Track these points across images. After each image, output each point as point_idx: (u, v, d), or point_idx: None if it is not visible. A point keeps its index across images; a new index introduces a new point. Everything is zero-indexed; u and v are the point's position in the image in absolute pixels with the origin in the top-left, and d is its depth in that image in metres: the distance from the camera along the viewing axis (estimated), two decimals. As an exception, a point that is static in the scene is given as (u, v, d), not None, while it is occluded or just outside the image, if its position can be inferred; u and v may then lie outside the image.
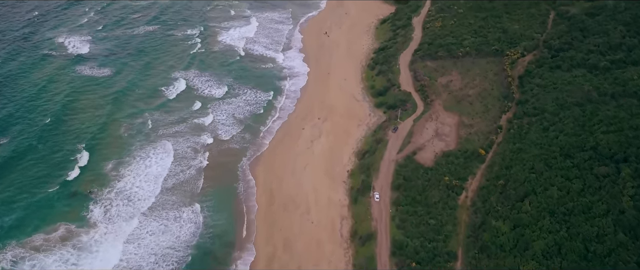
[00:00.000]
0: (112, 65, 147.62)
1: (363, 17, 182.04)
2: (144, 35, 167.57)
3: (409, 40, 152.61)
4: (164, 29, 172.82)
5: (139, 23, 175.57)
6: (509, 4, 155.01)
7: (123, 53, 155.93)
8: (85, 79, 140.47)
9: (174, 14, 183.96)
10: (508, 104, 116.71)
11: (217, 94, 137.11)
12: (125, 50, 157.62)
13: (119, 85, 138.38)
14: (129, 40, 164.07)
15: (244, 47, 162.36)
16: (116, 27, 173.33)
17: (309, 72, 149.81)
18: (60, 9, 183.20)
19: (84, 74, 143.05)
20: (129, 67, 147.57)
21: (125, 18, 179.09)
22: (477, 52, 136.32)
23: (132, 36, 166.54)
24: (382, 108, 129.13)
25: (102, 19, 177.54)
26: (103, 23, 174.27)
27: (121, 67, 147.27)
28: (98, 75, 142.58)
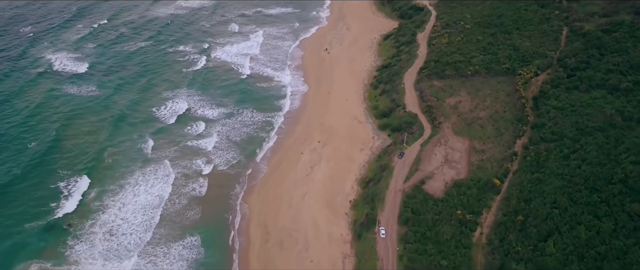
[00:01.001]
0: (107, 86, 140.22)
1: (365, 32, 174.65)
2: (142, 54, 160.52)
3: (414, 57, 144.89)
4: (161, 46, 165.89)
5: (137, 40, 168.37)
6: (519, 20, 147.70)
7: (120, 72, 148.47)
8: (78, 100, 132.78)
9: (172, 31, 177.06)
10: (522, 127, 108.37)
11: (212, 115, 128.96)
12: (122, 70, 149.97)
13: (113, 107, 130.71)
14: (127, 58, 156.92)
15: (242, 64, 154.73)
16: (114, 45, 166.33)
17: (308, 91, 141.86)
18: (55, 27, 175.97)
19: (77, 94, 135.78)
20: (126, 88, 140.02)
21: (123, 36, 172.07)
22: (487, 70, 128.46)
23: (130, 54, 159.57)
24: (387, 130, 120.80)
25: (99, 37, 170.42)
26: (100, 41, 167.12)
27: (117, 88, 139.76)
28: (92, 96, 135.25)
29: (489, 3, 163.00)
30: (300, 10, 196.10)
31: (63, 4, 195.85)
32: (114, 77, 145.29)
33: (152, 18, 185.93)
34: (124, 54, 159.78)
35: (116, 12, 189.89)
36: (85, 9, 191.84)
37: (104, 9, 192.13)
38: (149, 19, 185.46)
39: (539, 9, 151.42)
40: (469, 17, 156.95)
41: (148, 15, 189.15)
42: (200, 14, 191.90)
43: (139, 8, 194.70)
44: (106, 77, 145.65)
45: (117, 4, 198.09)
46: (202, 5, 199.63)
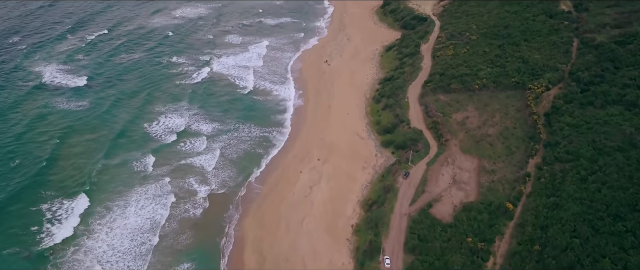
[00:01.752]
0: (103, 101, 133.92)
1: (366, 43, 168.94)
2: (139, 66, 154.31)
3: (418, 70, 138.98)
4: (158, 58, 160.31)
5: (134, 52, 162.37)
6: (527, 31, 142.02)
7: (117, 86, 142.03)
8: (71, 116, 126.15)
9: (170, 43, 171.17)
10: (535, 146, 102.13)
11: (208, 131, 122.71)
12: (119, 83, 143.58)
13: (109, 124, 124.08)
14: (123, 71, 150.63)
15: (240, 77, 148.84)
16: (110, 57, 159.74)
17: (308, 104, 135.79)
18: (50, 39, 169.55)
19: (71, 109, 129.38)
20: (122, 103, 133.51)
21: (120, 48, 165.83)
22: (495, 84, 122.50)
23: (127, 67, 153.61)
24: (390, 147, 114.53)
25: (95, 49, 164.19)
26: (95, 54, 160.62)
27: (114, 103, 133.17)
28: (86, 111, 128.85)
29: (495, 13, 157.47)
30: (300, 21, 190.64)
31: (58, 16, 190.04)
32: (109, 92, 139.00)
33: (150, 29, 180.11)
34: (120, 66, 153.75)
35: (113, 24, 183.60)
36: (81, 21, 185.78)
37: (101, 20, 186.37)
38: (146, 30, 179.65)
39: (548, 20, 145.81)
40: (474, 27, 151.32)
41: (146, 26, 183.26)
42: (199, 24, 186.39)
43: (137, 19, 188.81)
44: (102, 91, 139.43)
45: (114, 15, 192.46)
46: (199, 16, 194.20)
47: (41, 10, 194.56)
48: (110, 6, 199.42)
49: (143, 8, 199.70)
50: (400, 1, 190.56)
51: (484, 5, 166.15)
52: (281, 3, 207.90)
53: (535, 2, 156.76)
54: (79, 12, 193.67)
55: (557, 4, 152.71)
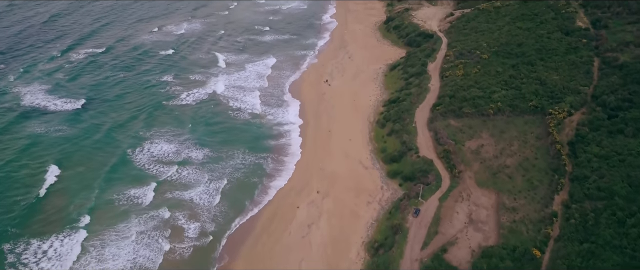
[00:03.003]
0: (83, 125, 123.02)
1: (369, 61, 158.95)
2: (125, 86, 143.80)
3: (426, 91, 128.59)
4: (145, 77, 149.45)
5: (120, 71, 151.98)
6: (542, 49, 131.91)
7: (97, 109, 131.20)
8: (46, 143, 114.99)
9: (159, 61, 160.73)
10: (559, 179, 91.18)
11: (198, 158, 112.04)
12: (100, 106, 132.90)
13: (93, 154, 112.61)
14: (107, 92, 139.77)
15: (233, 98, 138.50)
16: (94, 76, 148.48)
17: (306, 129, 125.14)
18: (29, 57, 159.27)
19: (48, 134, 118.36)
20: (102, 129, 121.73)
21: (105, 66, 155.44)
22: (511, 108, 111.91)
23: (111, 86, 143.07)
24: (397, 179, 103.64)
25: (78, 68, 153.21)
26: (79, 73, 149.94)
27: (93, 128, 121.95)
28: (63, 137, 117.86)
29: (506, 30, 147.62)
30: (299, 38, 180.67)
31: (52, 34, 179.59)
32: (100, 117, 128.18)
33: (146, 48, 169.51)
34: (114, 88, 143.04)
35: (109, 41, 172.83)
36: (76, 39, 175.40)
37: (85, 36, 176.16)
38: (142, 49, 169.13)
39: (564, 37, 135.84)
40: (485, 45, 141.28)
41: (132, 43, 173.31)
42: (189, 41, 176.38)
43: (124, 35, 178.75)
44: (84, 113, 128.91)
45: (99, 31, 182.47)
46: (192, 32, 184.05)
47: (31, 29, 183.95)
48: (108, 23, 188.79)
49: (141, 25, 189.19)
50: (405, 17, 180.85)
51: (494, 21, 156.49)
52: (279, 19, 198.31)
53: (549, 19, 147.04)
54: (74, 30, 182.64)
55: (573, 20, 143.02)
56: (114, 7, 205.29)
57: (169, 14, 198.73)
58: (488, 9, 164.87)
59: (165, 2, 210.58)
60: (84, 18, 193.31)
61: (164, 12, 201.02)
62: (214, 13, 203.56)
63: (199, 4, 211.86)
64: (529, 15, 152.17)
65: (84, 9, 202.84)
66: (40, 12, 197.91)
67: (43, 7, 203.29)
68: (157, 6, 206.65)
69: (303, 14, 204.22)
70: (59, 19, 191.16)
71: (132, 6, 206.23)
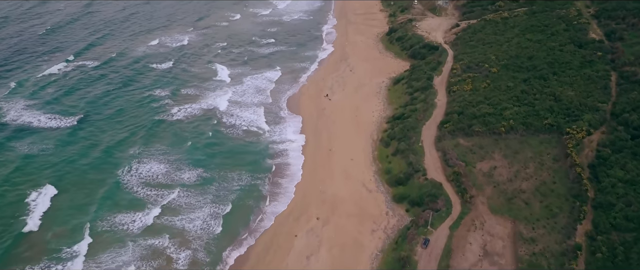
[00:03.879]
0: (66, 143, 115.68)
1: (371, 75, 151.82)
2: (114, 99, 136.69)
3: (432, 107, 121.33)
4: (137, 91, 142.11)
5: (109, 84, 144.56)
6: (555, 63, 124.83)
7: (83, 124, 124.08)
8: (23, 166, 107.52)
9: (152, 73, 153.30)
10: (582, 207, 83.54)
11: (190, 180, 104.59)
12: (87, 121, 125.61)
13: (79, 177, 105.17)
14: (95, 107, 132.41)
15: (228, 114, 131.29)
16: (82, 90, 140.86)
17: (305, 147, 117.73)
18: (17, 70, 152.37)
19: (27, 154, 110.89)
20: (86, 149, 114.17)
21: (93, 78, 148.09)
22: (524, 126, 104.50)
23: (100, 101, 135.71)
24: (404, 203, 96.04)
25: (67, 80, 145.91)
26: (66, 86, 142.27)
27: (76, 146, 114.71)
28: (45, 157, 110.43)
29: (515, 42, 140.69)
30: (298, 50, 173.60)
31: (33, 45, 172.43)
32: (84, 133, 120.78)
33: (135, 59, 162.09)
34: (99, 103, 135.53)
35: (96, 54, 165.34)
36: (58, 51, 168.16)
37: (81, 50, 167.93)
38: (131, 60, 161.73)
39: (577, 50, 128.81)
40: (493, 58, 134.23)
41: (130, 56, 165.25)
42: (188, 54, 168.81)
43: (121, 48, 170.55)
44: (77, 132, 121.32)
45: (96, 44, 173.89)
46: (191, 44, 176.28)
47: (25, 41, 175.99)
48: (105, 36, 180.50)
49: (139, 37, 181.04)
50: (408, 28, 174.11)
51: (502, 33, 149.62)
52: (278, 31, 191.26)
53: (560, 30, 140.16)
54: (69, 43, 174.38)
55: (586, 32, 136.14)
56: (112, 20, 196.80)
57: (168, 26, 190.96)
58: (495, 20, 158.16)
59: (164, 14, 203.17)
60: (81, 31, 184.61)
61: (164, 24, 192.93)
62: (213, 25, 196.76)
63: (199, 16, 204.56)
64: (539, 27, 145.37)
65: (80, 21, 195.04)
66: (35, 24, 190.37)
67: (38, 19, 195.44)
68: (157, 18, 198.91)
69: (303, 26, 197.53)
70: (55, 32, 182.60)
71: (130, 19, 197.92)
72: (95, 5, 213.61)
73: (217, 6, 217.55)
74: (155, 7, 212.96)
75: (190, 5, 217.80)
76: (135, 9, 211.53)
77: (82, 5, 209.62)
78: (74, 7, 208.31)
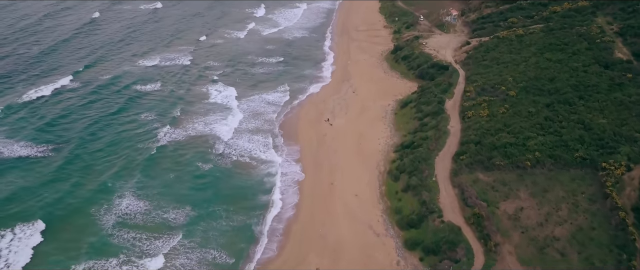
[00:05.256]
0: (40, 177, 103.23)
1: (376, 97, 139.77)
2: (95, 123, 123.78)
3: (445, 134, 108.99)
4: (119, 114, 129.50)
5: (91, 108, 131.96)
6: (580, 85, 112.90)
7: (59, 153, 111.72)
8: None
9: (137, 94, 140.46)
10: (631, 261, 70.86)
11: (174, 221, 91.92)
12: (64, 150, 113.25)
13: (39, 212, 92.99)
14: (74, 133, 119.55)
15: (218, 140, 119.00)
16: (63, 114, 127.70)
17: (303, 181, 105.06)
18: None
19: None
20: (54, 184, 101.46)
21: (73, 102, 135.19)
22: (552, 160, 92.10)
23: (80, 126, 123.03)
24: (417, 251, 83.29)
25: (46, 104, 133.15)
26: (43, 110, 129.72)
27: (47, 181, 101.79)
28: (13, 192, 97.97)
29: (533, 62, 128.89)
30: (296, 69, 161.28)
31: (20, 67, 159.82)
32: (62, 164, 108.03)
33: (122, 80, 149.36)
34: (75, 128, 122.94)
35: (81, 74, 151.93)
36: (46, 68, 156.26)
37: (64, 71, 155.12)
38: (118, 81, 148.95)
39: (604, 71, 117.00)
40: (510, 80, 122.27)
41: (120, 76, 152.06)
42: (174, 72, 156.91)
43: (109, 69, 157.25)
44: (52, 162, 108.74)
45: (85, 62, 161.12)
46: (182, 64, 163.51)
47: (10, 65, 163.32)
48: (100, 57, 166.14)
49: (129, 57, 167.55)
50: (414, 45, 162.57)
51: (518, 52, 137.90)
52: (274, 48, 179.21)
53: (582, 49, 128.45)
54: (54, 65, 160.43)
55: (611, 51, 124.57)
56: (110, 39, 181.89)
57: (162, 46, 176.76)
58: (509, 37, 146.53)
59: (159, 34, 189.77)
60: (75, 52, 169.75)
61: (159, 44, 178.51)
62: (204, 42, 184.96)
63: (191, 34, 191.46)
64: (558, 45, 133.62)
65: (76, 40, 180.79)
66: (26, 42, 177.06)
67: (33, 36, 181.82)
68: (150, 39, 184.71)
69: (302, 43, 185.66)
70: (47, 53, 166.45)
71: (125, 39, 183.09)
72: (97, 23, 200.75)
73: (217, 25, 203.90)
74: (157, 26, 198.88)
75: (190, 22, 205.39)
76: (137, 26, 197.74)
77: (81, 24, 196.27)
78: (72, 25, 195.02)
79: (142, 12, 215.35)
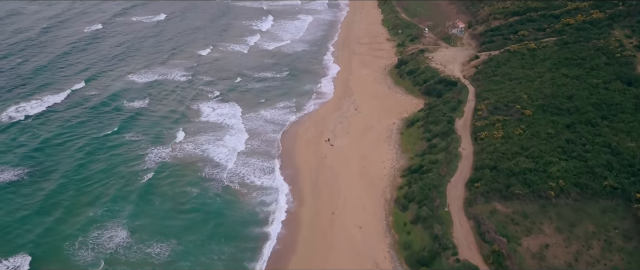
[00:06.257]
0: (19, 209, 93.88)
1: (380, 114, 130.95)
2: (81, 148, 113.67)
3: (456, 158, 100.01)
4: (107, 133, 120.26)
5: (73, 131, 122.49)
6: (602, 104, 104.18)
7: (40, 183, 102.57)
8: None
9: (128, 112, 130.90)
10: (679, 312, 61.21)
11: (161, 257, 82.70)
12: (45, 176, 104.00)
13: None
14: (56, 159, 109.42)
15: (209, 162, 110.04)
16: (47, 136, 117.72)
17: (301, 210, 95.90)
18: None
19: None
20: (32, 218, 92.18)
21: (58, 121, 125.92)
22: (578, 188, 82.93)
23: (64, 150, 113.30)
24: (430, 294, 73.64)
25: (29, 126, 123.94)
26: (26, 133, 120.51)
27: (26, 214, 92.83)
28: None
29: (548, 78, 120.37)
30: (293, 83, 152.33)
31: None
32: (21, 186, 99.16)
33: (108, 97, 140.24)
34: (54, 151, 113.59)
35: (75, 92, 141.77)
36: (37, 85, 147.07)
37: (44, 87, 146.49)
38: (102, 98, 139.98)
39: (627, 88, 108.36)
40: (525, 97, 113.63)
41: (105, 91, 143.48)
42: (170, 88, 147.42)
43: (102, 86, 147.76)
44: (23, 187, 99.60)
45: (80, 77, 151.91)
46: (179, 78, 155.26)
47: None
48: (96, 73, 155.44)
49: (117, 71, 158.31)
50: (420, 60, 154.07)
51: (531, 67, 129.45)
52: (272, 62, 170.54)
53: (601, 64, 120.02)
54: (51, 80, 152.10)
55: (633, 66, 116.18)
56: (108, 53, 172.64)
57: (160, 61, 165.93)
58: (521, 51, 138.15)
59: (159, 48, 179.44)
60: (70, 67, 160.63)
61: (157, 59, 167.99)
62: (197, 55, 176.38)
63: (191, 48, 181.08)
64: (575, 60, 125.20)
65: (74, 54, 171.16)
66: (21, 56, 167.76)
67: (20, 54, 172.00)
68: (150, 53, 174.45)
69: (301, 57, 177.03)
70: (39, 70, 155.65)
71: (123, 54, 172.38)
72: (97, 36, 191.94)
73: (218, 38, 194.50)
74: (158, 40, 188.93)
75: (192, 36, 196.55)
76: (138, 40, 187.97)
77: (79, 38, 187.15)
78: (69, 39, 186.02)
79: (144, 25, 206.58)
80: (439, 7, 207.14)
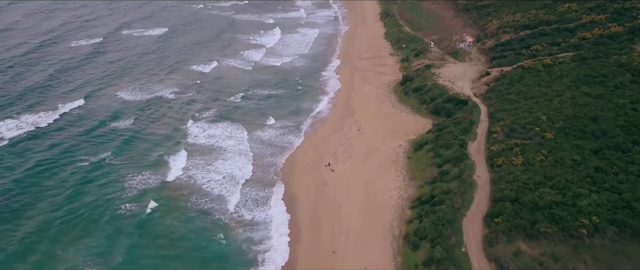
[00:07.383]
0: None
1: (385, 136, 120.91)
2: (66, 180, 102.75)
3: (471, 187, 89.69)
4: (96, 159, 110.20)
5: (64, 157, 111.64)
6: (631, 126, 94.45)
7: (17, 231, 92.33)
8: None
9: (114, 138, 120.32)
10: None
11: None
12: (25, 220, 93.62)
13: None
14: (38, 195, 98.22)
15: (195, 191, 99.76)
16: (29, 168, 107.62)
17: (298, 247, 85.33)
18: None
19: None
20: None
21: (45, 149, 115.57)
22: (616, 228, 72.41)
23: (31, 179, 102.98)
24: None
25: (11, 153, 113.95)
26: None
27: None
28: None
29: (569, 97, 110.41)
30: (293, 103, 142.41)
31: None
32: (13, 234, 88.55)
33: (97, 117, 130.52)
34: (30, 177, 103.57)
35: (70, 113, 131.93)
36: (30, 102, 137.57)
37: (26, 104, 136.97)
38: (82, 115, 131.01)
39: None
40: (544, 119, 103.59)
41: (96, 111, 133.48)
42: (163, 109, 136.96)
43: (95, 105, 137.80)
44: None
45: (76, 94, 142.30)
46: (173, 96, 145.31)
47: None
48: (93, 91, 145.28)
49: (103, 87, 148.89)
50: (426, 76, 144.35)
51: (548, 84, 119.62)
52: (268, 78, 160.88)
53: (626, 82, 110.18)
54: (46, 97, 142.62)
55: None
56: (107, 70, 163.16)
57: (158, 79, 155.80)
58: (536, 67, 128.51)
59: (159, 64, 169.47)
60: (66, 84, 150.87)
61: (155, 76, 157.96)
62: (192, 70, 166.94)
63: (191, 64, 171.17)
64: (596, 77, 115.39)
65: (74, 69, 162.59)
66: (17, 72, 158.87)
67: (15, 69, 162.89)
68: (148, 69, 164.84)
69: (300, 72, 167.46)
70: (33, 88, 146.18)
71: (121, 70, 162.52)
72: (104, 48, 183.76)
73: (219, 54, 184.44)
74: (160, 56, 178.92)
75: (193, 51, 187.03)
76: (137, 56, 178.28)
77: (78, 53, 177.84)
78: (67, 54, 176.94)
79: (146, 40, 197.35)
80: (444, 20, 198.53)
